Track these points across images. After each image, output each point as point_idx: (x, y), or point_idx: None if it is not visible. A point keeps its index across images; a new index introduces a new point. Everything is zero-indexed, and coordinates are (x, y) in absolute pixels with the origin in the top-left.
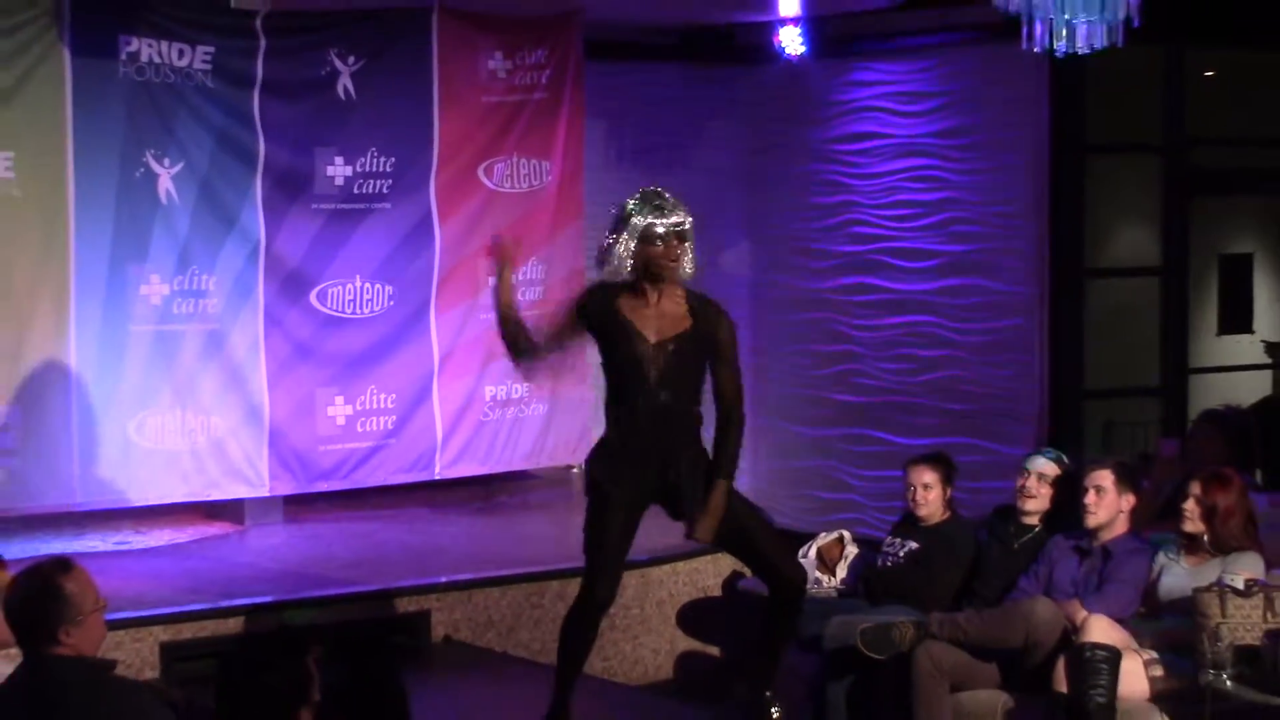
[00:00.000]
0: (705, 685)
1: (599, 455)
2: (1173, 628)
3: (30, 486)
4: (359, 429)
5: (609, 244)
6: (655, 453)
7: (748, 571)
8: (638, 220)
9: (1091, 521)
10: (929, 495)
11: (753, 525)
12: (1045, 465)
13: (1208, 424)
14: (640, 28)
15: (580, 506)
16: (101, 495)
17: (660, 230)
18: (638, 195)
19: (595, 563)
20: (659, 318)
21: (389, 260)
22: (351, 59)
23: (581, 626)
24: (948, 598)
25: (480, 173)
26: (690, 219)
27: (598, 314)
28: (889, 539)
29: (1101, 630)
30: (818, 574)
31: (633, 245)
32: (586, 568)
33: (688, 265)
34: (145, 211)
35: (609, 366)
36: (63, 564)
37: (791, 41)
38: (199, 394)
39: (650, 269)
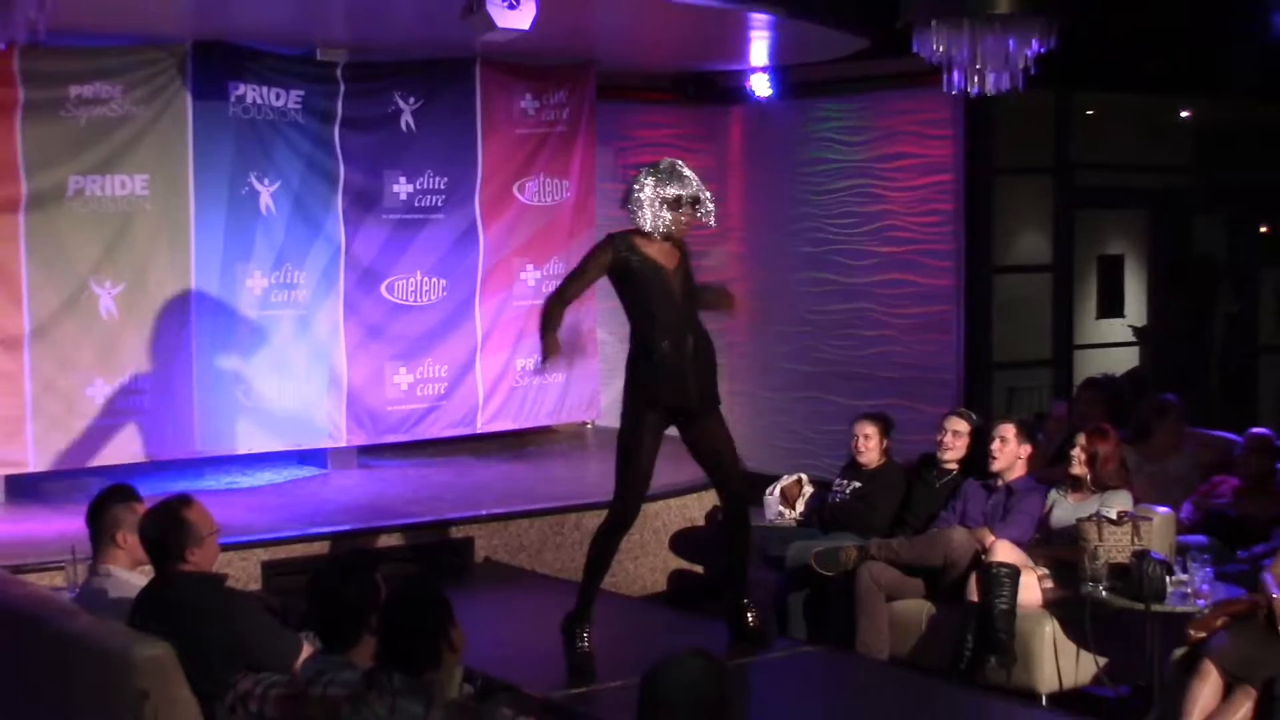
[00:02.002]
0: (692, 596)
1: (634, 384)
2: (1061, 549)
3: (159, 437)
4: (418, 393)
5: (640, 198)
6: (682, 365)
7: None
8: (667, 190)
9: (995, 465)
10: (870, 445)
11: (724, 447)
12: (960, 422)
13: (1089, 389)
14: (640, 74)
15: (592, 455)
16: (215, 445)
17: (684, 197)
18: (660, 166)
19: (628, 482)
20: (664, 253)
21: (443, 259)
22: (412, 99)
23: (609, 540)
24: (884, 527)
25: (515, 189)
26: (703, 190)
27: (624, 256)
28: (838, 480)
29: (1005, 552)
30: (781, 508)
31: (664, 211)
32: (620, 488)
33: (711, 219)
34: (249, 221)
35: (637, 298)
36: (185, 499)
37: (760, 85)
38: (292, 365)
39: (670, 229)
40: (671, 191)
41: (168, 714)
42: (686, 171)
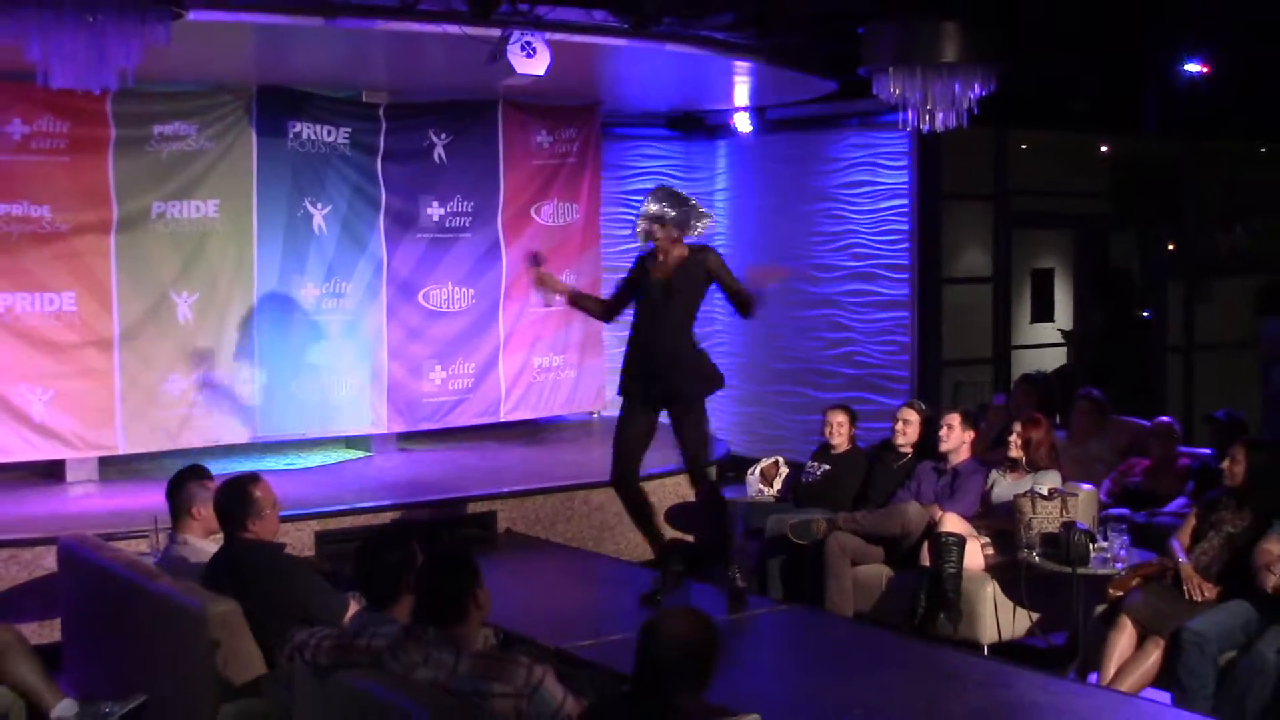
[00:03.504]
0: (685, 561)
1: (624, 368)
2: (1000, 521)
3: (227, 424)
4: (449, 387)
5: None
6: (658, 358)
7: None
8: (647, 208)
9: (944, 448)
10: (841, 430)
11: (689, 444)
12: (911, 412)
13: (1024, 384)
14: (639, 114)
15: (598, 441)
16: (275, 431)
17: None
18: (655, 193)
19: (616, 450)
20: (663, 268)
21: (471, 272)
22: (444, 135)
23: (620, 492)
24: (849, 502)
25: (532, 212)
26: (669, 211)
27: (637, 272)
28: (810, 462)
29: (953, 524)
30: (760, 486)
31: (643, 225)
32: (613, 454)
33: (699, 226)
34: (304, 239)
35: (636, 301)
36: (252, 477)
37: (743, 123)
38: (341, 363)
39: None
40: (650, 208)
41: (235, 661)
42: (664, 194)
